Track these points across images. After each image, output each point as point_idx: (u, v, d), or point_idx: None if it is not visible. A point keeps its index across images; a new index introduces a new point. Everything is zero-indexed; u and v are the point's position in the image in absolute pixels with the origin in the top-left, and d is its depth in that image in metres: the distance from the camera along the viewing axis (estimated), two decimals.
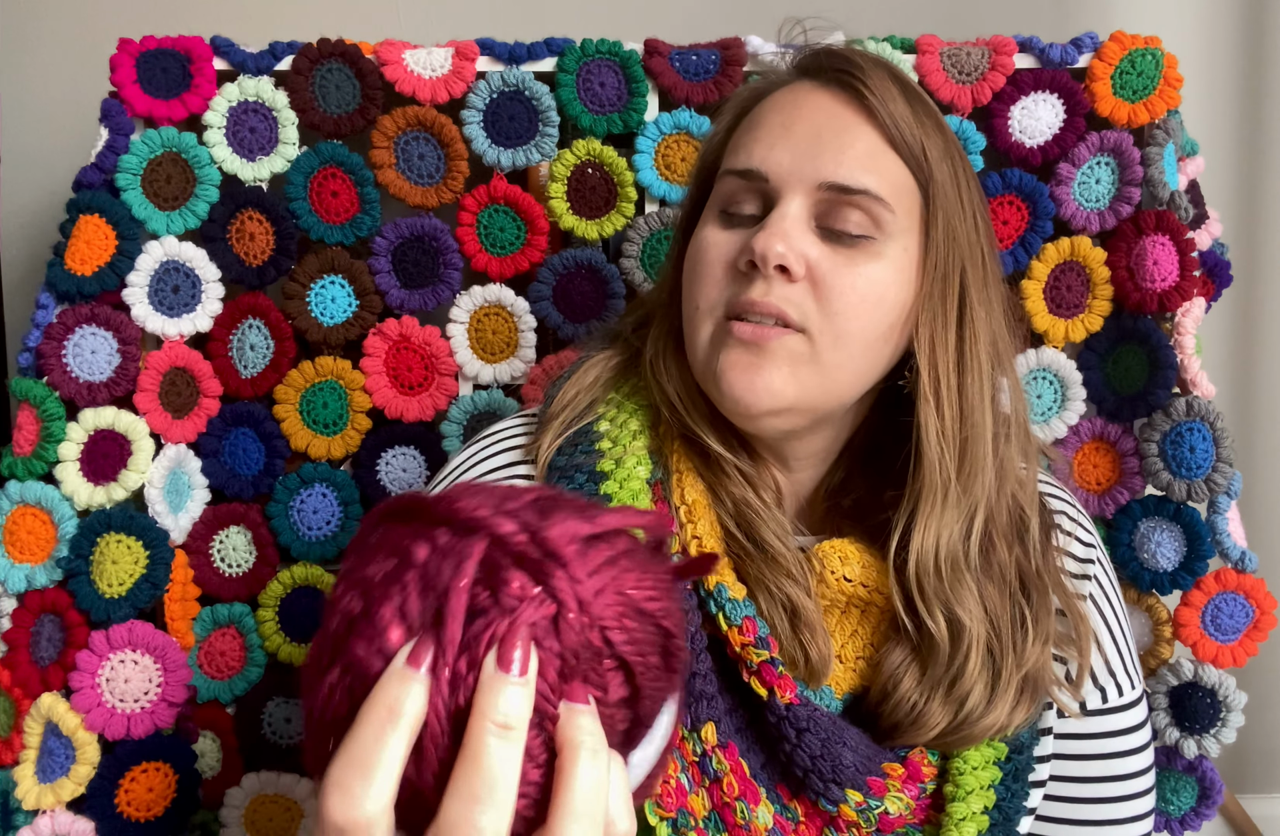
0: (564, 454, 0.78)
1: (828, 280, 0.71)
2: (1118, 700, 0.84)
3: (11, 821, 0.99)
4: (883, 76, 0.74)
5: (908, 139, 0.73)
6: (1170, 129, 1.13)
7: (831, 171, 0.71)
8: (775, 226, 0.71)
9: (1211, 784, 1.16)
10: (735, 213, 0.74)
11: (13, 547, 1.01)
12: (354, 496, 1.14)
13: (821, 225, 0.72)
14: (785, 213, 0.71)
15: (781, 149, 0.72)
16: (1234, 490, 1.12)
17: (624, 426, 0.79)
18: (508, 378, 1.15)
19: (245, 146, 1.10)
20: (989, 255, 0.77)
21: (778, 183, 0.72)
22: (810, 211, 0.72)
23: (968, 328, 0.75)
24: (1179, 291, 1.11)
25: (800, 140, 0.72)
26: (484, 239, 1.13)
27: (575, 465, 0.76)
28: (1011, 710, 0.74)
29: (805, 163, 0.72)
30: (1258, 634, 1.14)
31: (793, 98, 0.75)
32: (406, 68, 1.10)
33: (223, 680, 1.11)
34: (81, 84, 1.25)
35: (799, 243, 0.71)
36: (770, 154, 0.72)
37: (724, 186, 0.75)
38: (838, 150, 0.72)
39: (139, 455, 1.03)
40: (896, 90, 0.74)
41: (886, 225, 0.72)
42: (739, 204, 0.74)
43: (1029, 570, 0.77)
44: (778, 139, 0.73)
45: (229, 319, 1.11)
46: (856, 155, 0.72)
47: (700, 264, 0.75)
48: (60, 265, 1.03)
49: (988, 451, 0.74)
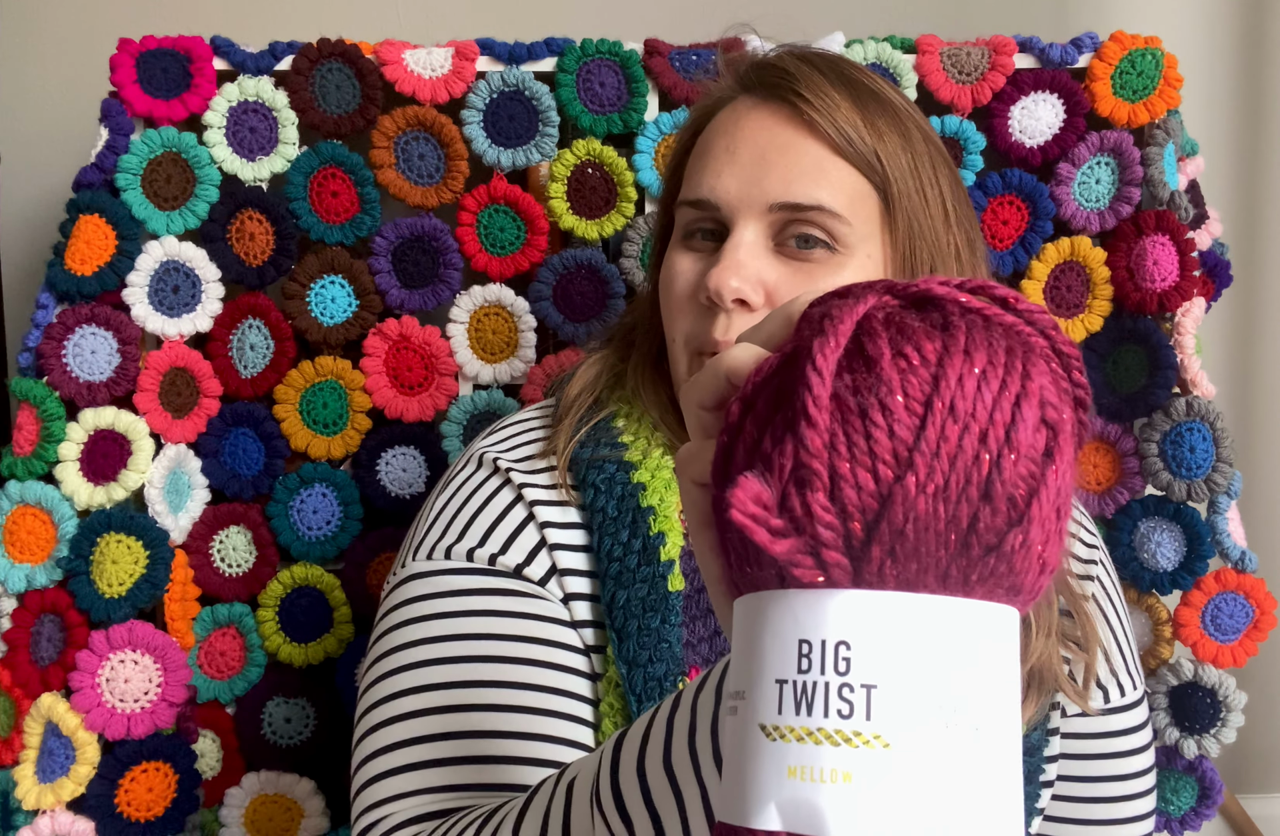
0: (586, 447, 0.78)
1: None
2: (1119, 700, 0.84)
3: (11, 821, 0.99)
4: (820, 82, 0.73)
5: (856, 146, 0.72)
6: (1170, 129, 1.13)
7: (781, 191, 0.71)
8: (729, 259, 0.71)
9: (1211, 784, 1.16)
10: (695, 239, 0.75)
11: (13, 547, 1.01)
12: (354, 496, 1.14)
13: (779, 245, 0.72)
14: (738, 242, 0.72)
15: (728, 175, 0.73)
16: (1234, 490, 1.12)
17: (640, 421, 0.80)
18: (508, 378, 1.15)
19: (245, 146, 1.09)
20: (964, 245, 0.76)
21: (728, 210, 0.73)
22: (766, 233, 0.72)
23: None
24: (1179, 291, 1.11)
25: (745, 164, 0.72)
26: (484, 239, 1.13)
27: (602, 457, 0.77)
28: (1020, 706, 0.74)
29: (752, 187, 0.72)
30: (1258, 634, 1.14)
31: (734, 118, 0.75)
32: (406, 68, 1.10)
33: (223, 680, 1.11)
34: (81, 84, 1.25)
35: (754, 270, 0.71)
36: (718, 182, 0.73)
37: (680, 216, 0.76)
38: (784, 168, 0.71)
39: (139, 455, 1.03)
40: (839, 95, 0.73)
41: (844, 237, 0.72)
42: (697, 232, 0.75)
43: None
44: (723, 166, 0.73)
45: (229, 319, 1.11)
46: (804, 171, 0.71)
47: (669, 294, 0.76)
48: (60, 265, 1.03)
49: None
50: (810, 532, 0.32)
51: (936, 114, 1.12)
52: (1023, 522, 0.32)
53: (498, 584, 0.74)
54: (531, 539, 0.76)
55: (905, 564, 0.31)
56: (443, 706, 0.69)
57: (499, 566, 0.74)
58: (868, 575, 0.31)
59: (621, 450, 0.78)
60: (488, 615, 0.72)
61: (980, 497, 0.31)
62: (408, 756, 0.68)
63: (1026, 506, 0.32)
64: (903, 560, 0.31)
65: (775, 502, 0.32)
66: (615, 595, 0.73)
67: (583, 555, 0.76)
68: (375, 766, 0.68)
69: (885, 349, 0.33)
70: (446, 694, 0.69)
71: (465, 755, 0.67)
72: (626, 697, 0.72)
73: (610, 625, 0.73)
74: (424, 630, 0.72)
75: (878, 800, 0.30)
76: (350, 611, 1.13)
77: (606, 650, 0.74)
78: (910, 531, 0.31)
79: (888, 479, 0.31)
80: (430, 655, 0.71)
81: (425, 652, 0.71)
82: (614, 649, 0.72)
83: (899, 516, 0.31)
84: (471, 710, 0.69)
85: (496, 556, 0.74)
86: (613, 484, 0.76)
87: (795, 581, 0.32)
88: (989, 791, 0.31)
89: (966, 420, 0.32)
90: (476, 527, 0.76)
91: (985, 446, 0.32)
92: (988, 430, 0.32)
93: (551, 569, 0.75)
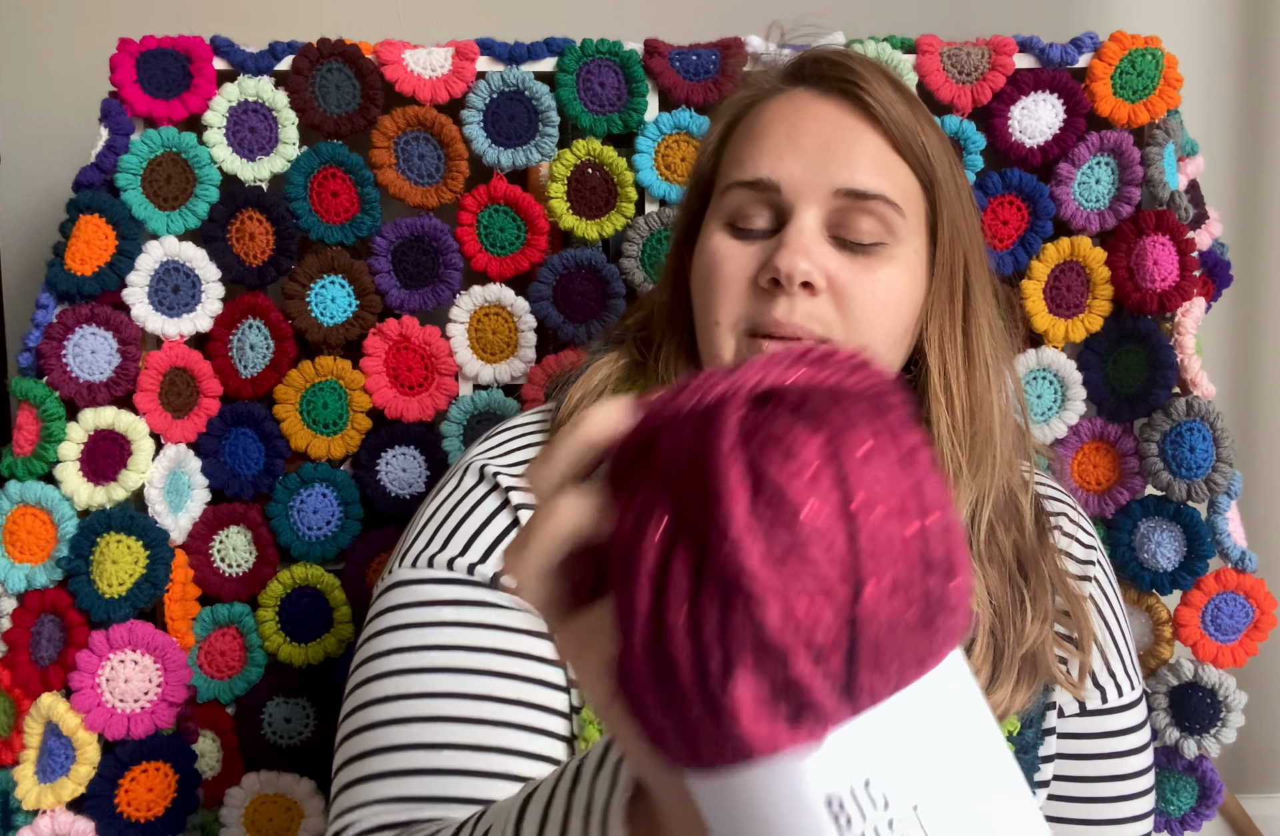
0: None
1: (849, 290, 0.71)
2: (1117, 700, 0.84)
3: (11, 821, 0.99)
4: (881, 81, 0.74)
5: (911, 142, 0.73)
6: (1170, 129, 1.13)
7: (847, 178, 0.71)
8: (795, 242, 0.70)
9: (1211, 784, 1.16)
10: (745, 224, 0.74)
11: (13, 547, 1.01)
12: (354, 496, 1.14)
13: (835, 234, 0.72)
14: (803, 226, 0.71)
15: (791, 159, 0.72)
16: (1234, 490, 1.12)
17: None
18: (508, 378, 1.15)
19: (245, 146, 1.09)
20: (983, 247, 0.79)
21: (790, 193, 0.72)
22: (824, 221, 0.72)
23: (972, 322, 0.76)
24: (1179, 291, 1.11)
25: (809, 149, 0.72)
26: (484, 239, 1.13)
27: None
28: (1013, 691, 0.75)
29: (817, 170, 0.72)
30: (1258, 634, 1.14)
31: (793, 107, 0.75)
32: (406, 68, 1.10)
33: (223, 680, 1.11)
34: (81, 84, 1.25)
35: (819, 256, 0.71)
36: (780, 164, 0.72)
37: (731, 198, 0.75)
38: (848, 157, 0.72)
39: (139, 455, 1.03)
40: (895, 94, 0.74)
41: (898, 229, 0.72)
42: (748, 216, 0.74)
43: (1025, 549, 0.78)
44: (785, 149, 0.73)
45: (229, 319, 1.11)
46: (868, 161, 0.72)
47: (716, 278, 0.74)
48: (60, 265, 1.03)
49: (996, 442, 0.75)
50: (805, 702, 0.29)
51: (937, 114, 1.12)
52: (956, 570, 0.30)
53: (473, 595, 0.74)
54: None
55: (887, 671, 0.29)
56: (410, 717, 0.69)
57: (476, 576, 0.74)
58: (862, 702, 0.29)
59: None
60: (461, 626, 0.72)
61: (925, 571, 0.30)
62: (376, 765, 0.68)
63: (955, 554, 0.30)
64: (885, 668, 0.29)
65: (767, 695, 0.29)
66: None
67: None
68: (348, 773, 0.69)
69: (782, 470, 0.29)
70: (414, 704, 0.69)
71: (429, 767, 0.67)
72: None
73: None
74: (400, 639, 0.72)
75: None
76: (350, 611, 1.13)
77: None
78: (886, 639, 0.29)
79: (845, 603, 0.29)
80: (404, 665, 0.71)
81: (399, 662, 0.71)
82: None
83: (871, 631, 0.29)
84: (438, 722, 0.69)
85: (475, 565, 0.74)
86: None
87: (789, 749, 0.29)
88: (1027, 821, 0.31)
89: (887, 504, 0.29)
90: (459, 537, 0.76)
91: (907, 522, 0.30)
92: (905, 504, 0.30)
93: None
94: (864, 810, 0.29)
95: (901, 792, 0.29)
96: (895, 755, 0.29)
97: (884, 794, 0.29)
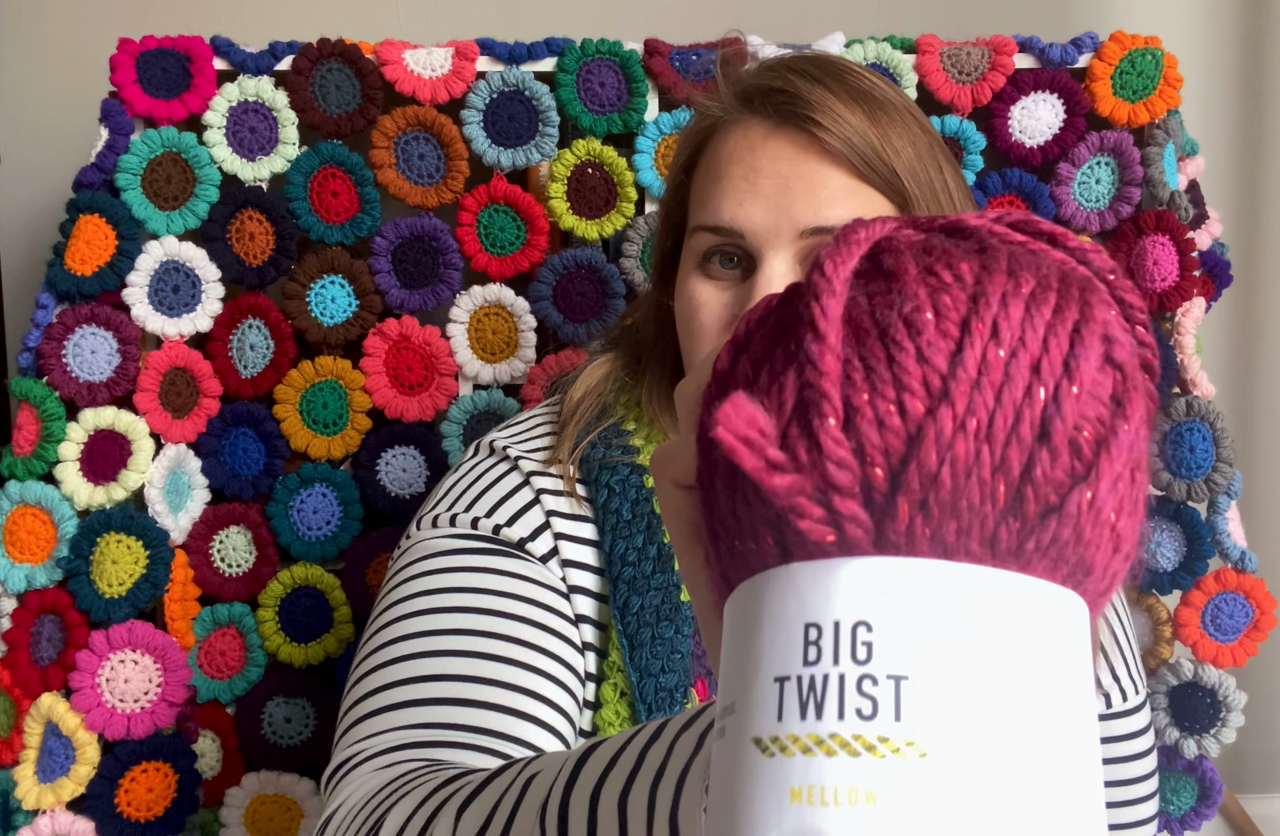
0: (597, 448, 0.78)
1: None
2: (1121, 705, 0.84)
3: (11, 821, 0.99)
4: (832, 103, 0.71)
5: (875, 167, 0.71)
6: (1170, 129, 1.13)
7: (810, 217, 0.70)
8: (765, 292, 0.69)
9: (1211, 784, 1.16)
10: (714, 266, 0.73)
11: (13, 547, 1.01)
12: (354, 496, 1.14)
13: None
14: (771, 274, 0.70)
15: (751, 204, 0.71)
16: (1234, 490, 1.12)
17: (652, 425, 0.80)
18: (508, 378, 1.15)
19: (245, 146, 1.09)
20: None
21: (755, 239, 0.71)
22: (795, 260, 0.71)
23: None
24: (1179, 291, 1.11)
25: (769, 193, 0.71)
26: (484, 239, 1.13)
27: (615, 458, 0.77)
28: None
29: (780, 214, 0.70)
30: (1258, 634, 1.14)
31: (748, 144, 0.73)
32: (406, 68, 1.10)
33: (223, 680, 1.11)
34: (81, 84, 1.25)
35: None
36: (740, 210, 0.71)
37: (698, 240, 0.74)
38: (809, 195, 0.70)
39: (139, 455, 1.03)
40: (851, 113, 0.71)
41: None
42: (718, 258, 0.73)
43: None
44: (744, 193, 0.71)
45: (229, 319, 1.11)
46: (830, 195, 0.70)
47: (694, 324, 0.74)
48: (60, 265, 1.03)
49: None
50: (820, 471, 0.25)
51: (936, 114, 1.12)
52: (1089, 477, 0.25)
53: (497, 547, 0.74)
54: (537, 518, 0.76)
55: (941, 522, 0.25)
56: (425, 652, 0.68)
57: (502, 536, 0.74)
58: (893, 536, 0.25)
59: (634, 454, 0.78)
60: (482, 572, 0.72)
61: (1035, 438, 0.25)
62: (387, 698, 0.67)
63: (1095, 456, 0.25)
64: (938, 516, 0.24)
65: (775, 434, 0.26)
66: (629, 601, 0.73)
67: (589, 550, 0.76)
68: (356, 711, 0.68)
69: (910, 265, 0.27)
70: (430, 640, 0.69)
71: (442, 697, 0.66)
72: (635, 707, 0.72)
73: (622, 631, 0.73)
74: (417, 585, 0.72)
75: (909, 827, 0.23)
76: (350, 611, 1.13)
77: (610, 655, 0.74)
78: (947, 478, 0.24)
79: (916, 412, 0.25)
80: (424, 606, 0.71)
81: (420, 604, 0.71)
82: (624, 655, 0.73)
83: (932, 458, 0.24)
84: (452, 655, 0.68)
85: (501, 527, 0.75)
86: (626, 487, 0.76)
87: (800, 548, 0.25)
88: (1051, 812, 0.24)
89: (1014, 345, 0.25)
90: (484, 501, 0.76)
91: (1039, 377, 0.25)
92: (1040, 358, 0.25)
93: (553, 552, 0.75)
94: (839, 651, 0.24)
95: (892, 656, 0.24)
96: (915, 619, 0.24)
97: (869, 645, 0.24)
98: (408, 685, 0.67)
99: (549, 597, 0.73)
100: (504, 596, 0.71)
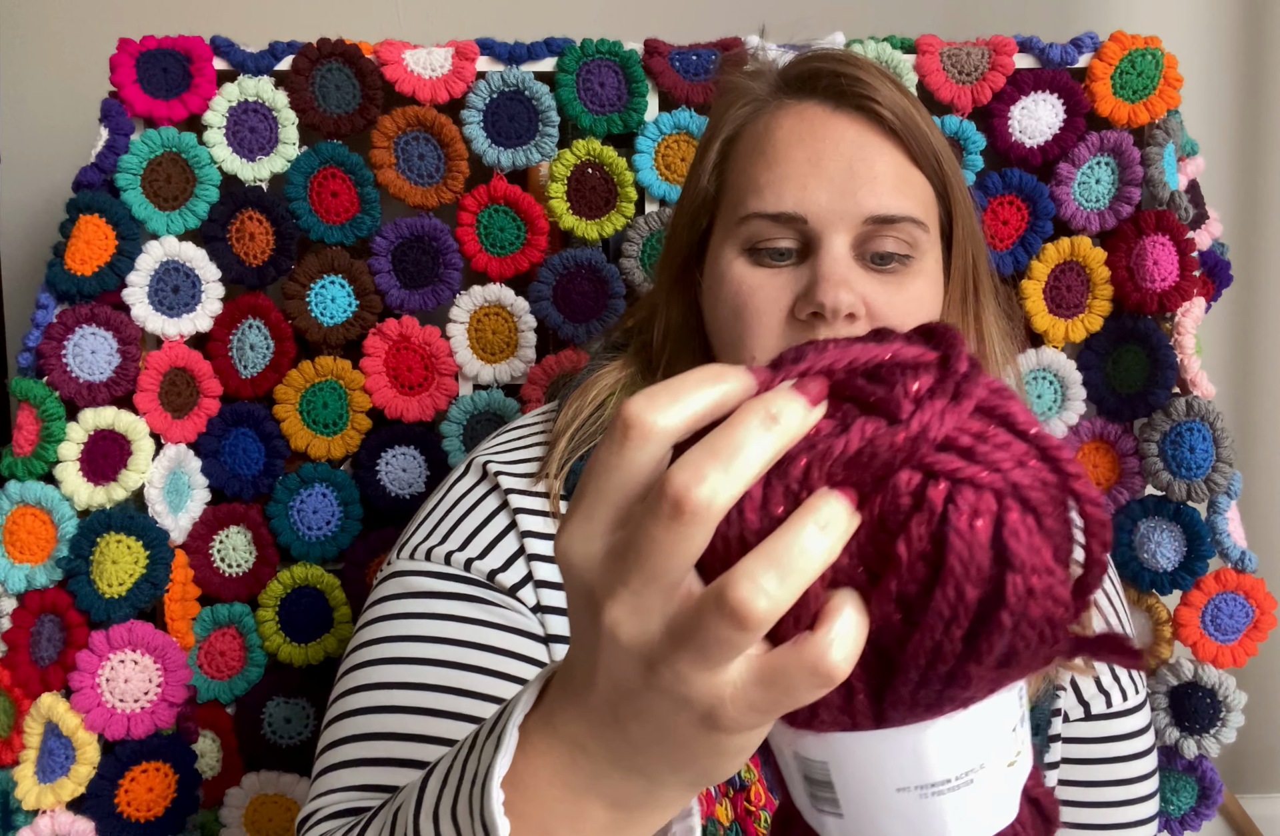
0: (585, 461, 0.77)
1: (884, 312, 0.70)
2: (1121, 705, 0.84)
3: (11, 821, 0.99)
4: (890, 88, 0.72)
5: (926, 151, 0.72)
6: (1170, 129, 1.13)
7: (874, 205, 0.70)
8: (834, 274, 0.69)
9: (1211, 784, 1.16)
10: (768, 251, 0.71)
11: (13, 547, 1.01)
12: (354, 496, 1.14)
13: (863, 257, 0.71)
14: (836, 257, 0.69)
15: (815, 188, 0.70)
16: (1234, 490, 1.12)
17: None
18: (508, 378, 1.15)
19: (245, 146, 1.09)
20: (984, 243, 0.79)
21: (818, 224, 0.70)
22: (851, 245, 0.71)
23: (983, 322, 0.77)
24: (1179, 291, 1.11)
25: (833, 176, 0.70)
26: (484, 239, 1.13)
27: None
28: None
29: (845, 199, 0.70)
30: (1258, 634, 1.14)
31: (808, 128, 0.72)
32: (406, 68, 1.10)
33: (223, 680, 1.11)
34: (81, 84, 1.25)
35: (857, 285, 0.69)
36: (805, 194, 0.70)
37: (749, 228, 0.72)
38: (872, 180, 0.70)
39: (139, 455, 1.03)
40: (902, 98, 0.72)
41: (922, 243, 0.72)
42: (771, 242, 0.71)
43: None
44: (809, 177, 0.70)
45: (229, 319, 1.11)
46: (892, 182, 0.70)
47: (746, 310, 0.71)
48: (60, 265, 1.03)
49: None
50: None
51: (936, 114, 1.12)
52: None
53: (466, 590, 0.74)
54: (511, 546, 0.75)
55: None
56: (384, 706, 0.69)
57: (473, 572, 0.74)
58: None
59: None
60: (452, 620, 0.72)
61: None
62: (351, 752, 0.68)
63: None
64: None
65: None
66: None
67: None
68: (326, 758, 0.69)
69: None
70: (390, 694, 0.69)
71: (393, 757, 0.67)
72: None
73: None
74: (391, 628, 0.73)
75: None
76: (350, 611, 1.13)
77: None
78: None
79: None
80: (387, 653, 0.71)
81: (388, 650, 0.71)
82: None
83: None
84: (410, 713, 0.68)
85: (473, 561, 0.74)
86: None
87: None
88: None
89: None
90: (460, 532, 0.76)
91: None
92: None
93: (527, 577, 0.75)
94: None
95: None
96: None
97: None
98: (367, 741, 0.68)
99: (511, 642, 0.72)
100: (470, 647, 0.71)
